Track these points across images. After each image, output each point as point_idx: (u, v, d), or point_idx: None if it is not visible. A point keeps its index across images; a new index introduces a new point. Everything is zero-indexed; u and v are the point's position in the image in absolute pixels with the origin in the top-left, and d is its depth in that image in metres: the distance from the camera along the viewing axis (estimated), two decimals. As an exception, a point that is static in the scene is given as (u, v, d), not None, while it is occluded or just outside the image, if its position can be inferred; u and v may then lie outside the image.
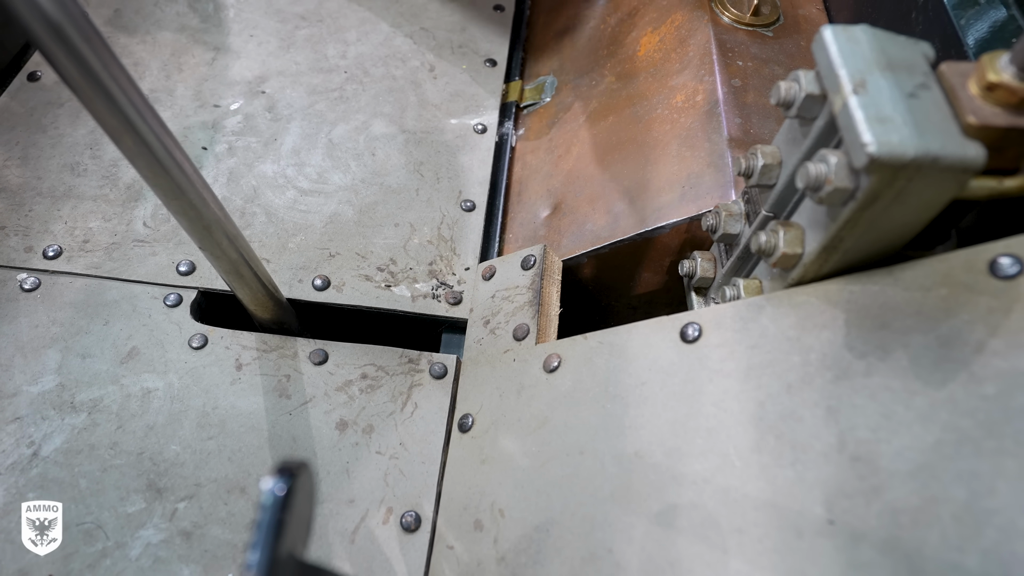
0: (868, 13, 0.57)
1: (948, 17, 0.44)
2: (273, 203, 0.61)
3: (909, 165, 0.28)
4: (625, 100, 0.62)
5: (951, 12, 0.44)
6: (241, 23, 0.74)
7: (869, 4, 0.57)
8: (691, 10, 0.63)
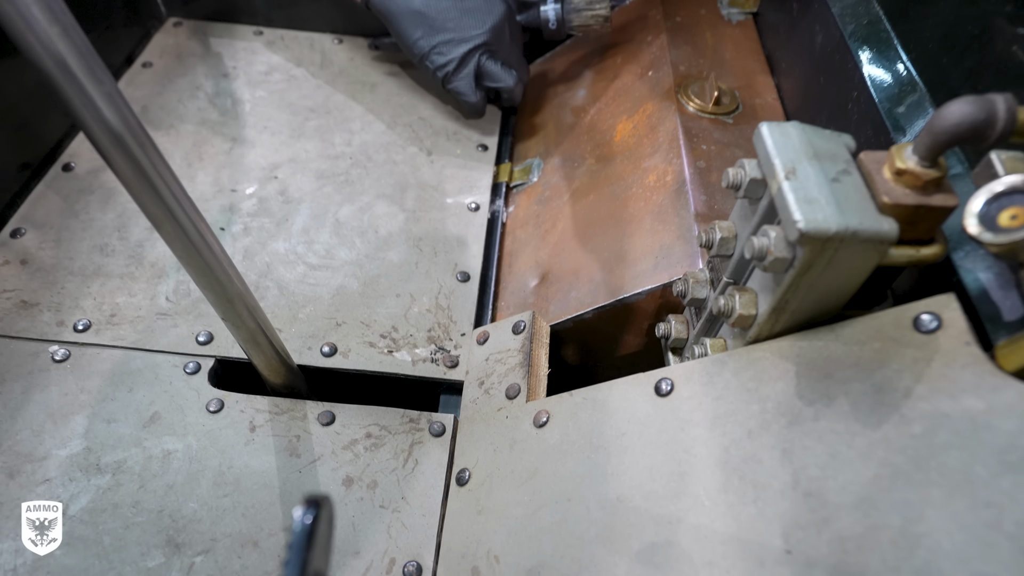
0: (814, 103, 0.64)
1: (877, 109, 0.51)
2: (285, 277, 0.66)
3: (833, 238, 0.33)
4: (604, 180, 0.68)
5: (879, 105, 0.51)
6: (256, 116, 0.81)
7: (814, 95, 0.64)
8: (660, 100, 0.70)
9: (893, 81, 0.51)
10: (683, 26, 0.80)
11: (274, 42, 0.92)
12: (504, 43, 0.76)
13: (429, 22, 0.73)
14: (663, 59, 0.74)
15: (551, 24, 0.79)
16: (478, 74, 0.76)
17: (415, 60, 0.77)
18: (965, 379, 0.33)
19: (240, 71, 0.87)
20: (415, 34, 0.74)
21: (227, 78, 0.86)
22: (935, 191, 0.36)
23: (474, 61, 0.75)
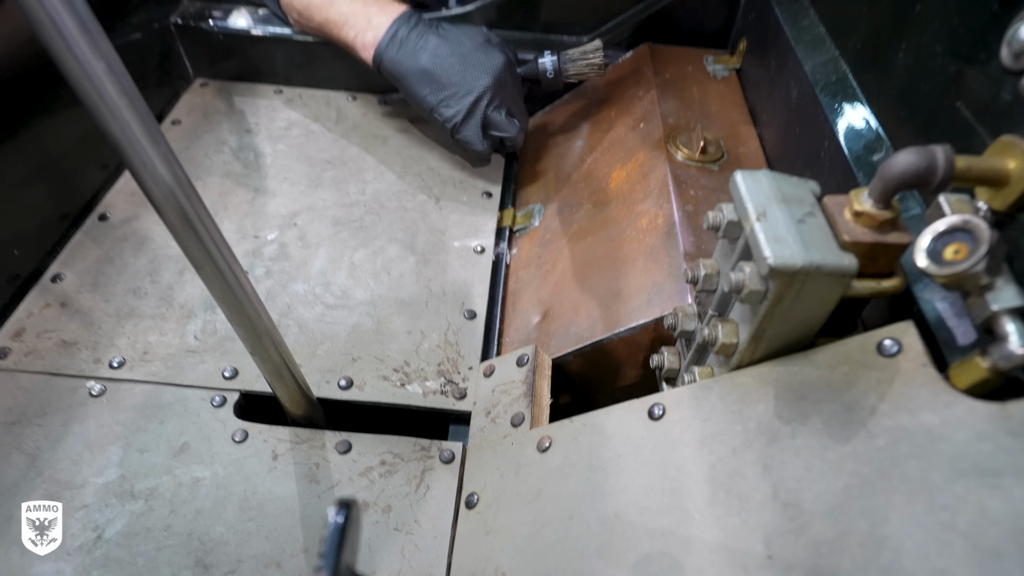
0: (792, 151, 0.68)
1: (845, 156, 0.55)
2: (304, 317, 0.70)
3: (799, 272, 0.37)
4: (600, 224, 0.73)
5: (847, 153, 0.55)
6: (277, 168, 0.87)
7: (792, 144, 0.68)
8: (651, 150, 0.75)
9: (858, 131, 0.56)
10: (672, 82, 0.85)
11: (293, 100, 0.98)
12: (506, 92, 0.80)
13: (435, 79, 0.78)
14: (654, 112, 0.80)
15: (548, 74, 0.84)
16: (484, 123, 0.80)
17: (424, 114, 0.82)
18: (922, 397, 0.37)
19: (262, 127, 0.93)
20: (423, 91, 0.79)
21: (250, 133, 0.92)
22: (890, 230, 0.40)
23: (480, 111, 0.79)
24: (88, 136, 0.81)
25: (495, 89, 0.79)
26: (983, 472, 0.33)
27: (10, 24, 0.71)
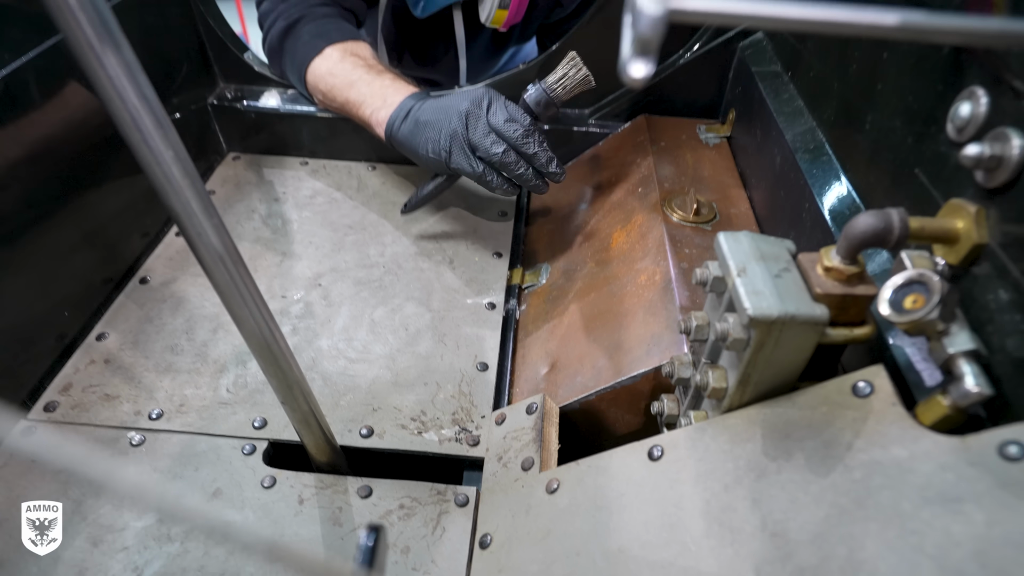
0: (777, 212, 0.73)
1: (823, 217, 0.60)
2: (328, 370, 0.74)
3: (776, 321, 0.41)
4: (603, 280, 0.77)
5: (824, 213, 0.60)
6: (303, 233, 0.93)
7: (777, 206, 0.73)
8: (649, 212, 0.80)
9: (835, 194, 0.61)
10: (667, 149, 0.92)
11: (317, 170, 1.05)
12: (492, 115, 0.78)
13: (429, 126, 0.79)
14: (651, 177, 0.85)
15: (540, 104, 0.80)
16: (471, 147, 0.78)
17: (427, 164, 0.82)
18: (892, 433, 0.40)
19: (289, 195, 1.00)
20: (421, 141, 0.80)
21: (278, 202, 0.98)
22: (858, 283, 0.44)
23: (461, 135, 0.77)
24: (130, 207, 0.88)
25: (474, 111, 0.77)
26: (947, 499, 0.36)
27: (67, 108, 0.78)
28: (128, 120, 0.38)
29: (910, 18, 0.26)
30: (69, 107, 0.79)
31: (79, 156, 0.79)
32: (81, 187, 0.80)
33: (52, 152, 0.75)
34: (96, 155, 0.82)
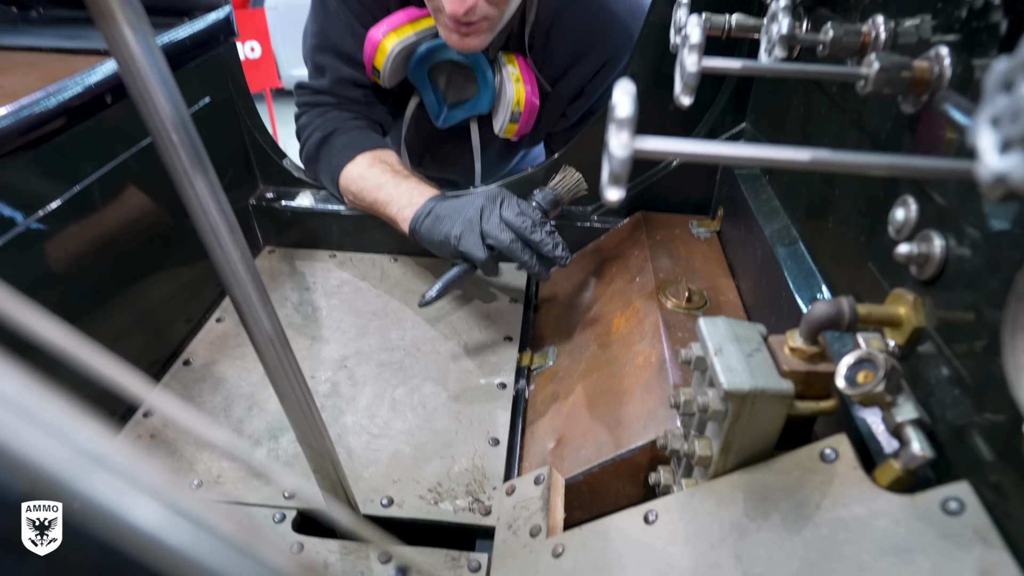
0: (761, 299, 0.80)
1: (796, 303, 0.67)
2: (352, 444, 0.79)
3: (748, 395, 0.47)
4: (604, 362, 0.83)
5: (798, 300, 0.67)
6: (331, 319, 1.00)
7: (761, 293, 0.80)
8: (646, 299, 0.87)
9: (806, 284, 0.68)
10: (662, 243, 1.00)
11: (344, 262, 1.14)
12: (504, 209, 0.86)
13: (447, 217, 0.87)
14: (647, 268, 0.93)
15: (546, 207, 0.90)
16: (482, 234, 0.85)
17: (443, 251, 0.89)
18: (854, 494, 0.45)
19: (318, 285, 1.08)
20: (440, 231, 0.87)
21: (308, 291, 1.06)
22: (820, 361, 0.50)
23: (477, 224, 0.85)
24: (176, 295, 0.96)
25: (488, 205, 0.86)
26: (900, 550, 0.41)
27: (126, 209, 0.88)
28: (208, 228, 0.46)
29: (818, 155, 0.33)
30: (127, 208, 0.89)
31: (135, 250, 0.88)
32: (135, 278, 0.88)
33: (112, 246, 0.84)
34: (149, 249, 0.91)
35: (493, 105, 1.09)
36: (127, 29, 0.38)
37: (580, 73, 1.07)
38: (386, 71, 1.02)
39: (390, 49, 1.00)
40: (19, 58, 0.99)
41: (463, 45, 0.93)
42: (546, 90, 1.09)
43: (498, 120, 1.09)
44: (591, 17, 1.02)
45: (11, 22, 1.09)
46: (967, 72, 0.45)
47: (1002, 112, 0.27)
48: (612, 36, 1.03)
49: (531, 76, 1.06)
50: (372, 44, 1.01)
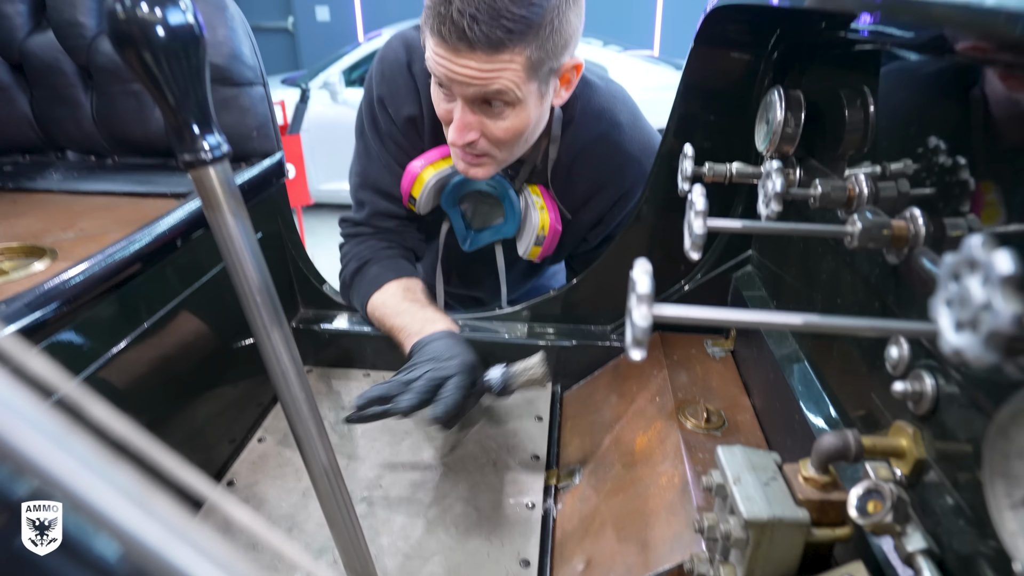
0: (776, 419, 0.84)
1: (808, 424, 0.70)
2: (388, 566, 0.81)
3: (767, 523, 0.51)
4: (629, 482, 0.86)
5: (809, 421, 0.71)
6: (366, 439, 1.04)
7: (776, 413, 0.84)
8: (666, 420, 0.91)
9: (817, 408, 0.72)
10: (679, 362, 1.04)
11: (377, 381, 1.20)
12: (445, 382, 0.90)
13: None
14: (666, 388, 0.97)
15: (495, 388, 0.94)
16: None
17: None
18: (874, 621, 0.47)
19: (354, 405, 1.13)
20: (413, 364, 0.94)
21: (344, 410, 1.11)
22: (833, 490, 0.54)
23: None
24: (221, 415, 1.01)
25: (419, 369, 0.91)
26: None
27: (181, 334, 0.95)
28: (279, 374, 0.52)
29: (810, 319, 0.39)
30: (184, 334, 0.96)
31: (187, 373, 0.95)
32: (186, 400, 0.94)
33: (168, 370, 0.91)
34: (199, 371, 0.97)
35: (518, 230, 1.18)
36: (229, 215, 0.46)
37: (599, 205, 1.17)
38: (421, 199, 1.12)
39: (427, 180, 1.10)
40: (96, 202, 1.11)
41: (469, 173, 1.03)
42: (567, 218, 1.19)
43: (523, 243, 1.18)
44: (608, 157, 1.12)
45: (89, 169, 1.23)
46: (940, 230, 0.51)
47: (953, 296, 0.32)
48: (628, 173, 1.13)
49: (554, 205, 1.15)
50: (411, 176, 1.12)
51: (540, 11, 0.85)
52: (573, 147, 1.13)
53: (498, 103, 0.92)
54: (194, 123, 0.42)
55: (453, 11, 0.83)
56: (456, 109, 0.94)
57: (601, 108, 1.12)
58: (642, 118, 1.17)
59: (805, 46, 0.84)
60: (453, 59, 0.87)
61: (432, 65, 0.91)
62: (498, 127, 0.95)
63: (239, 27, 1.10)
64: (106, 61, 1.12)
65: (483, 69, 0.87)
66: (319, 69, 5.17)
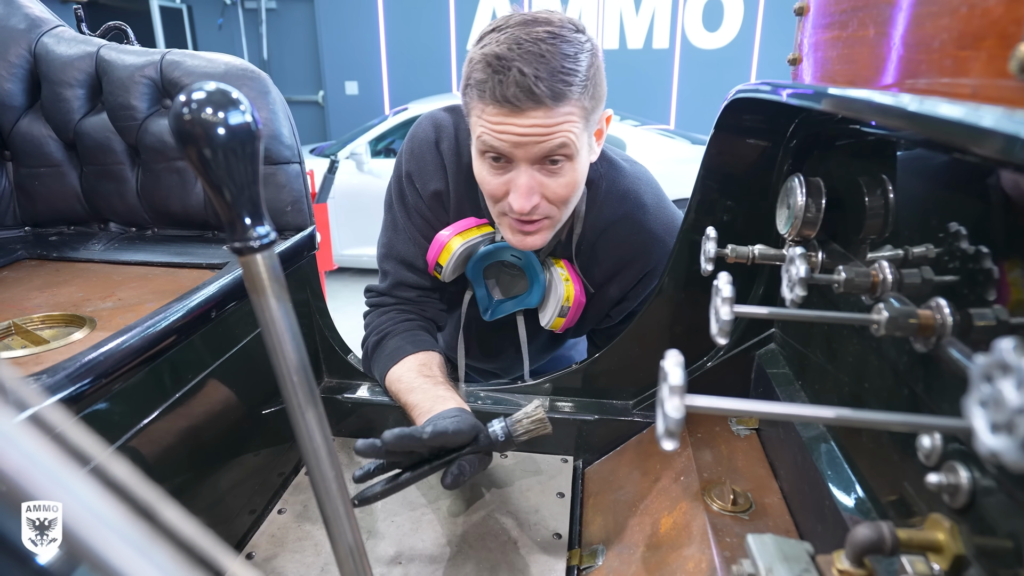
0: (806, 503, 0.81)
1: (838, 509, 0.69)
2: (406, 651, 0.79)
3: (802, 619, 0.49)
4: (655, 566, 0.84)
5: (838, 504, 0.69)
6: (385, 512, 1.03)
7: (805, 498, 0.82)
8: (691, 501, 0.89)
9: (847, 493, 0.70)
10: (703, 440, 1.03)
11: (399, 452, 1.19)
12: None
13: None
14: (691, 467, 0.96)
15: (500, 438, 0.92)
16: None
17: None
18: None
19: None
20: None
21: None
22: (868, 584, 0.52)
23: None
24: (243, 484, 1.01)
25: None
26: None
27: (209, 403, 0.96)
28: (311, 452, 0.52)
29: (842, 413, 0.39)
30: (210, 402, 0.97)
31: (212, 442, 0.95)
32: (209, 469, 0.94)
33: (192, 438, 0.91)
34: (224, 440, 0.98)
35: (542, 300, 1.19)
36: (273, 299, 0.48)
37: (622, 281, 1.18)
38: (448, 267, 1.15)
39: (454, 248, 1.13)
40: (135, 272, 1.15)
41: (524, 244, 1.06)
42: (591, 292, 1.20)
43: (546, 314, 1.19)
44: (633, 236, 1.15)
45: (130, 240, 1.27)
46: (967, 320, 0.51)
47: (987, 398, 0.33)
48: (652, 252, 1.15)
49: (578, 278, 1.17)
50: (439, 244, 1.14)
51: (585, 64, 0.92)
52: (598, 225, 1.15)
53: (560, 158, 0.96)
54: (247, 215, 0.44)
55: (514, 75, 0.88)
56: (519, 176, 0.97)
57: (627, 189, 1.15)
58: (666, 199, 1.20)
59: (823, 135, 0.86)
60: (518, 121, 0.91)
61: (490, 137, 0.94)
62: (559, 184, 0.99)
63: (280, 110, 1.16)
64: (154, 141, 1.18)
65: (548, 124, 0.92)
66: (347, 140, 5.37)
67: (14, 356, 0.83)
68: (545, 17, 0.93)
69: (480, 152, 0.99)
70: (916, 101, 0.40)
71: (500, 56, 0.89)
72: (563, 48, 0.90)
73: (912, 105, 0.40)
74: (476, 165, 1.03)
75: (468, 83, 0.96)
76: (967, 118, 0.33)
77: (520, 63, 0.88)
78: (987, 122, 0.32)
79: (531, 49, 0.89)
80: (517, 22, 0.93)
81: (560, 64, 0.90)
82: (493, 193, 1.02)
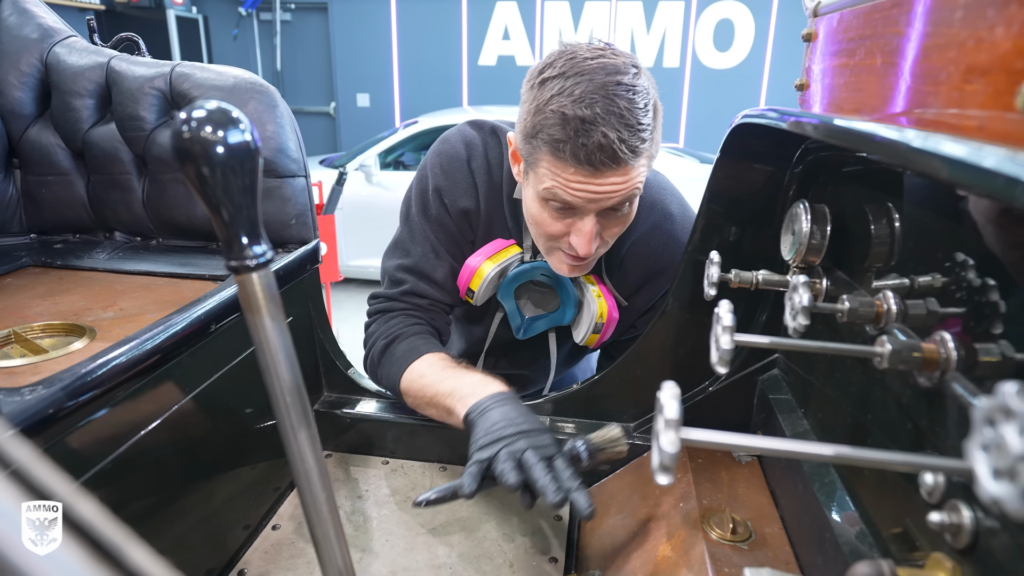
0: (807, 536, 0.80)
1: (838, 543, 0.67)
2: (396, 675, 0.78)
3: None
4: (651, 594, 0.82)
5: (838, 539, 0.67)
6: (381, 531, 1.02)
7: (804, 532, 0.80)
8: (690, 529, 0.88)
9: (849, 527, 0.69)
10: (704, 466, 1.02)
11: (396, 470, 1.18)
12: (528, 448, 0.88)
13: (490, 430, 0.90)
14: (690, 493, 0.94)
15: (584, 462, 0.89)
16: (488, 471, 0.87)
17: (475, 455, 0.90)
18: None
19: (371, 494, 1.11)
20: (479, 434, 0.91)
21: (361, 499, 1.10)
22: (869, 625, 0.51)
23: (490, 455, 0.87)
24: (237, 498, 1.00)
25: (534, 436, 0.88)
26: None
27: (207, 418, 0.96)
28: (302, 473, 0.52)
29: (841, 451, 0.38)
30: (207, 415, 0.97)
31: (207, 454, 0.94)
32: (203, 481, 0.93)
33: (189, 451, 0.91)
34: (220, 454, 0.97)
35: (576, 318, 1.19)
36: (267, 318, 0.48)
37: (651, 291, 1.19)
38: (480, 291, 1.15)
39: (486, 273, 1.13)
40: (138, 281, 1.15)
41: (574, 273, 1.08)
42: (623, 306, 1.20)
43: (580, 331, 1.19)
44: (662, 247, 1.15)
45: (134, 249, 1.28)
46: (972, 355, 0.51)
47: (989, 442, 0.32)
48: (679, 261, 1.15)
49: (609, 293, 1.18)
50: (470, 270, 1.15)
51: (652, 113, 0.92)
52: (626, 238, 1.15)
53: (627, 203, 0.98)
54: (244, 235, 0.44)
55: (597, 138, 0.87)
56: (584, 224, 0.98)
57: (652, 200, 1.16)
58: (689, 207, 1.20)
59: (830, 161, 0.86)
60: (598, 181, 0.91)
61: (564, 193, 0.93)
62: (618, 223, 1.01)
63: (287, 123, 1.16)
64: (161, 151, 1.19)
65: (626, 180, 0.92)
66: (357, 152, 5.41)
67: (12, 365, 0.83)
68: (613, 64, 0.90)
69: (544, 200, 0.98)
70: (920, 137, 0.40)
71: (583, 119, 0.87)
72: (637, 102, 0.89)
73: (916, 141, 0.40)
74: (535, 207, 1.01)
75: (537, 134, 0.92)
76: (969, 158, 0.33)
77: (603, 126, 0.86)
78: (989, 163, 0.31)
79: (611, 109, 0.87)
80: (586, 69, 0.89)
81: (637, 121, 0.88)
82: (552, 234, 1.02)
